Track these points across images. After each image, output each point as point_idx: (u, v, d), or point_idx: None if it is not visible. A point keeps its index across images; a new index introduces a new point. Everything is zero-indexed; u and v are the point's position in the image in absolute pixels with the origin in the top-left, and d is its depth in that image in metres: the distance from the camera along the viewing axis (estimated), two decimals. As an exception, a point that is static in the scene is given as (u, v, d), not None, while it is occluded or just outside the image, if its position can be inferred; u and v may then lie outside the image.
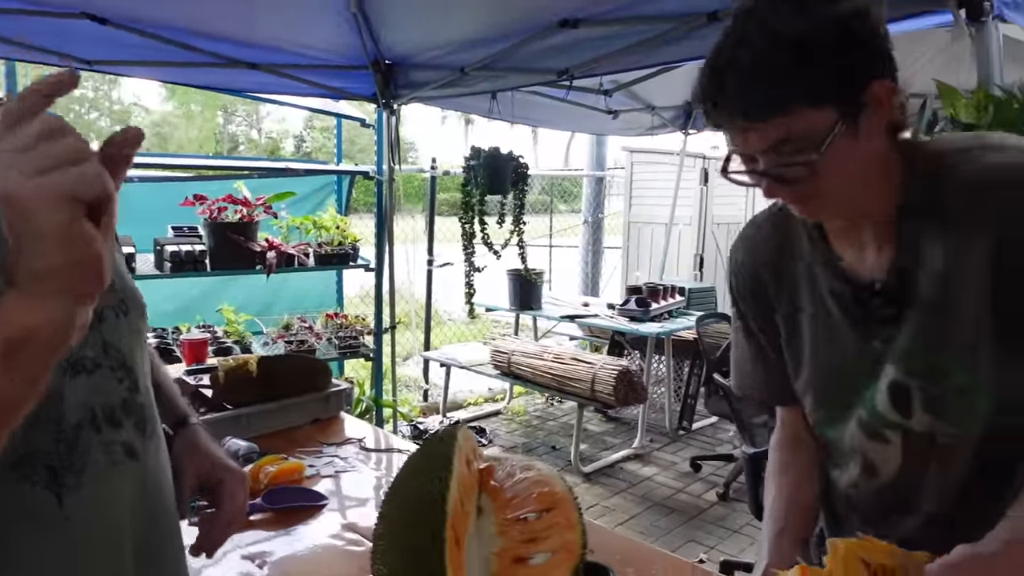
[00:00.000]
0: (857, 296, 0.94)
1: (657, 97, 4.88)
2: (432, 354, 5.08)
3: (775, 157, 0.84)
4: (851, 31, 0.79)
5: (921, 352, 0.91)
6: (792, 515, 1.08)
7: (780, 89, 0.79)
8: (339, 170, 4.24)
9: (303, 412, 1.99)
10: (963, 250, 0.86)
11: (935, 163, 0.89)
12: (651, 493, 3.78)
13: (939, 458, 0.94)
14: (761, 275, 1.06)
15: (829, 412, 1.04)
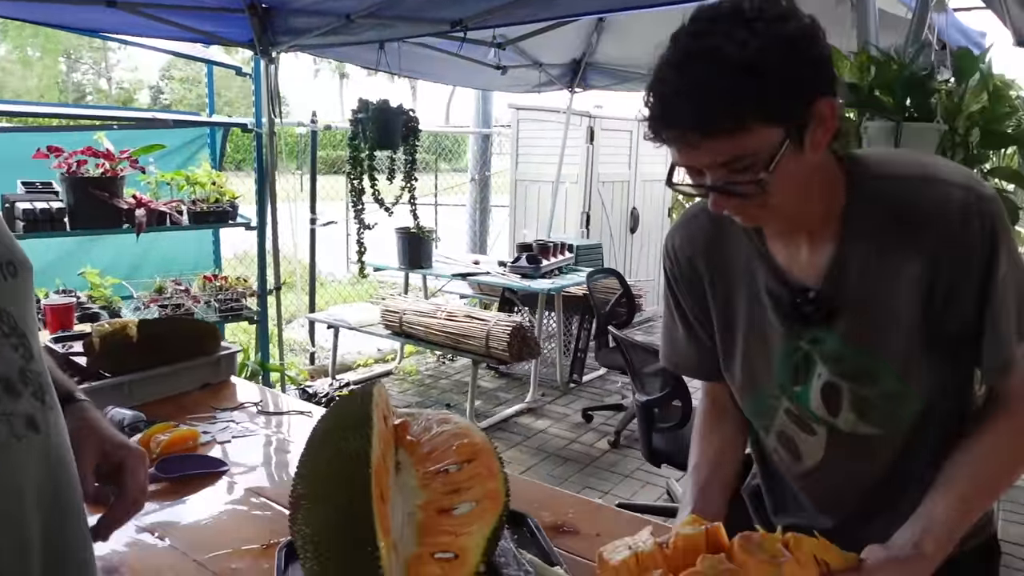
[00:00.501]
0: (792, 298, 0.98)
1: (545, 54, 4.88)
2: (318, 316, 4.92)
3: (724, 172, 0.84)
4: (799, 50, 0.81)
5: (851, 356, 0.96)
6: (716, 478, 1.12)
7: (735, 107, 0.79)
8: (213, 122, 3.95)
9: (192, 377, 1.87)
10: (898, 267, 0.91)
11: (880, 180, 0.92)
12: (545, 445, 3.88)
13: (860, 454, 1.02)
14: (697, 265, 1.09)
15: (758, 401, 1.09)
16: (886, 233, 0.91)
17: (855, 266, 0.93)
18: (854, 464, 1.04)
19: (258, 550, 1.19)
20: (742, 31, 0.79)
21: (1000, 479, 0.94)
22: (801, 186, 0.88)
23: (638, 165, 6.37)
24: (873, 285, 0.93)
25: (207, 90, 4.21)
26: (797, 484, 1.12)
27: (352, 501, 0.95)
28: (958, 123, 1.69)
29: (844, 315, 0.95)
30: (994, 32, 3.39)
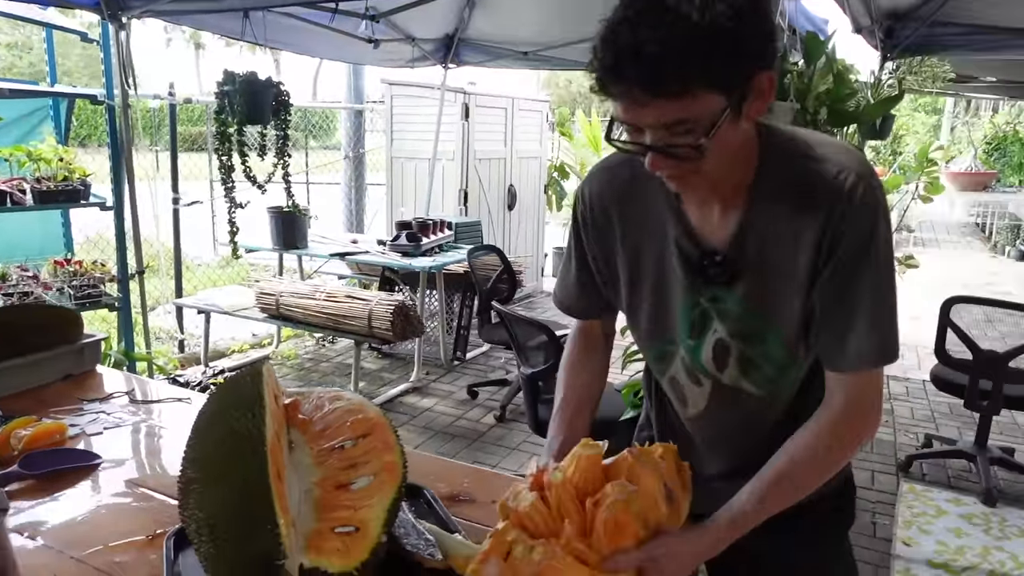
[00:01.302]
0: (700, 258, 1.02)
1: (417, 28, 4.81)
2: (186, 301, 4.65)
3: (666, 134, 0.86)
4: (752, 22, 0.83)
5: (746, 317, 1.02)
6: (583, 411, 1.20)
7: (686, 70, 0.80)
8: (58, 92, 3.61)
9: (52, 368, 1.73)
10: (795, 238, 0.96)
11: (787, 155, 0.97)
12: (432, 423, 3.90)
13: (739, 409, 1.11)
14: (611, 214, 1.11)
15: (658, 348, 1.15)
16: (787, 205, 0.96)
17: (758, 233, 0.98)
18: (734, 417, 1.12)
19: (143, 542, 1.13)
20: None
21: (804, 479, 1.00)
22: (731, 154, 0.92)
23: (514, 142, 6.44)
24: (772, 252, 0.98)
25: (47, 57, 3.83)
26: (687, 426, 1.20)
27: (248, 480, 0.93)
28: (808, 102, 1.84)
29: (745, 278, 1.00)
30: (835, 19, 3.69)
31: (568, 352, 1.26)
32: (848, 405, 0.98)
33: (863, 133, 3.86)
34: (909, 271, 4.63)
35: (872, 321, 0.95)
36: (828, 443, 0.99)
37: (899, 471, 3.43)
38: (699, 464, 1.17)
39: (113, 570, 1.07)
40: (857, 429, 1.00)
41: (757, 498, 0.98)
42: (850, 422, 0.99)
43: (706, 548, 0.97)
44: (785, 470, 0.99)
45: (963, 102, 13.42)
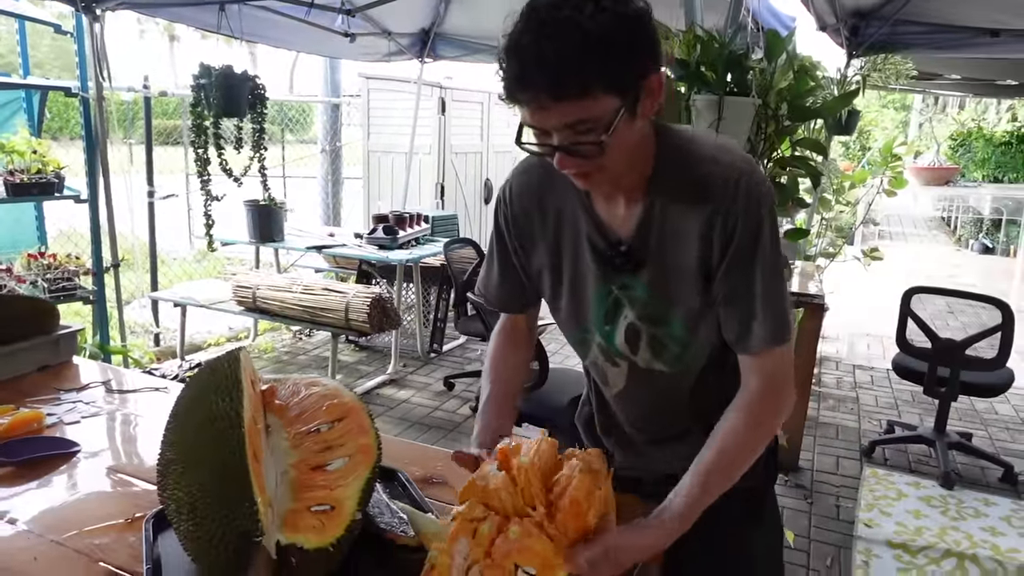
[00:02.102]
0: (608, 249, 1.11)
1: (393, 23, 4.83)
2: (162, 294, 4.64)
3: (569, 134, 0.93)
4: (640, 28, 0.91)
5: (651, 303, 1.12)
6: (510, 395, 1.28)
7: (584, 75, 0.88)
8: (31, 84, 3.58)
9: (28, 359, 1.75)
10: (688, 229, 1.05)
11: (682, 154, 1.06)
12: (409, 414, 3.94)
13: (655, 387, 1.20)
14: (530, 212, 1.19)
15: (577, 334, 1.24)
16: (681, 201, 1.05)
17: (656, 224, 1.07)
18: (651, 392, 1.22)
19: (122, 525, 1.17)
20: (592, 6, 0.88)
21: (736, 460, 1.06)
22: (630, 151, 1.00)
23: (490, 136, 6.48)
24: (669, 242, 1.07)
25: (19, 49, 3.80)
26: (611, 403, 1.30)
27: (226, 461, 0.97)
28: (770, 98, 1.91)
29: (648, 266, 1.10)
30: (803, 17, 3.77)
31: (493, 346, 1.33)
32: (763, 385, 1.07)
33: (829, 128, 3.96)
34: (874, 263, 4.74)
35: (768, 307, 1.04)
36: (751, 423, 1.07)
37: (862, 456, 3.54)
38: (628, 434, 1.28)
39: (93, 552, 1.10)
40: (775, 405, 1.08)
41: (699, 488, 1.03)
42: (767, 400, 1.07)
43: (656, 540, 1.01)
44: (718, 456, 1.05)
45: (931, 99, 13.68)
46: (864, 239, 9.13)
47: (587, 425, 1.41)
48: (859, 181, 4.69)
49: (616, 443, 1.33)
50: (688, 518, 1.02)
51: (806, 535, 2.82)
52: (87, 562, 1.08)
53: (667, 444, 1.24)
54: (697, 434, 1.11)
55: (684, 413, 1.21)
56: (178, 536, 1.00)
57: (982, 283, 7.71)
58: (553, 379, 2.85)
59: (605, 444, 1.34)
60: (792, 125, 2.10)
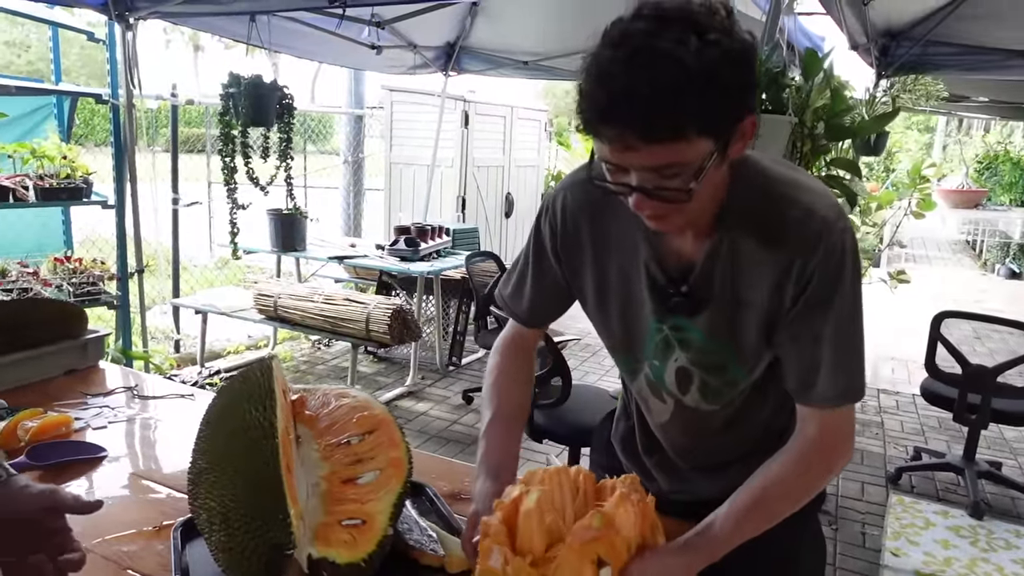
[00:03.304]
0: (666, 286, 1.03)
1: (419, 36, 4.86)
2: (184, 301, 4.66)
3: (653, 177, 0.84)
4: (745, 68, 0.82)
5: (708, 349, 1.04)
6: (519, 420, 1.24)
7: (680, 116, 0.78)
8: (63, 91, 3.63)
9: (56, 362, 1.75)
10: (759, 272, 0.97)
11: (757, 191, 0.96)
12: (427, 427, 3.91)
13: (700, 422, 1.15)
14: (582, 228, 1.11)
15: (626, 363, 1.18)
16: (754, 240, 0.96)
17: (722, 264, 0.99)
18: (695, 428, 1.17)
19: (150, 532, 1.15)
20: (696, 40, 0.78)
21: (776, 508, 1.01)
22: (712, 195, 0.93)
23: (512, 151, 6.49)
24: (736, 286, 0.99)
25: (51, 56, 3.85)
26: (654, 429, 1.24)
27: (260, 472, 0.95)
28: (806, 116, 1.88)
29: (708, 311, 1.01)
30: (832, 37, 3.75)
31: (499, 362, 1.26)
32: (821, 437, 1.00)
33: (857, 149, 3.93)
34: (901, 286, 4.68)
35: (837, 365, 0.96)
36: (799, 471, 1.00)
37: (888, 483, 3.47)
38: (668, 457, 1.23)
39: (121, 559, 1.08)
40: (828, 460, 1.02)
41: (733, 524, 0.98)
42: (822, 452, 1.01)
43: (680, 569, 0.96)
44: (759, 497, 1.00)
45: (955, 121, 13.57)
46: (889, 261, 9.03)
47: (625, 443, 1.35)
48: (886, 202, 4.64)
49: (657, 464, 1.27)
50: (716, 553, 0.98)
51: (832, 562, 2.76)
52: (115, 569, 1.07)
53: (711, 472, 1.19)
54: (741, 466, 1.08)
55: (729, 446, 1.16)
56: (209, 546, 0.99)
57: (1009, 308, 7.58)
58: (575, 396, 2.82)
59: (646, 464, 1.29)
60: (826, 145, 2.07)
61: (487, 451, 1.15)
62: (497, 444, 1.16)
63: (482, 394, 1.25)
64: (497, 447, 1.15)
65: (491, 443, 1.16)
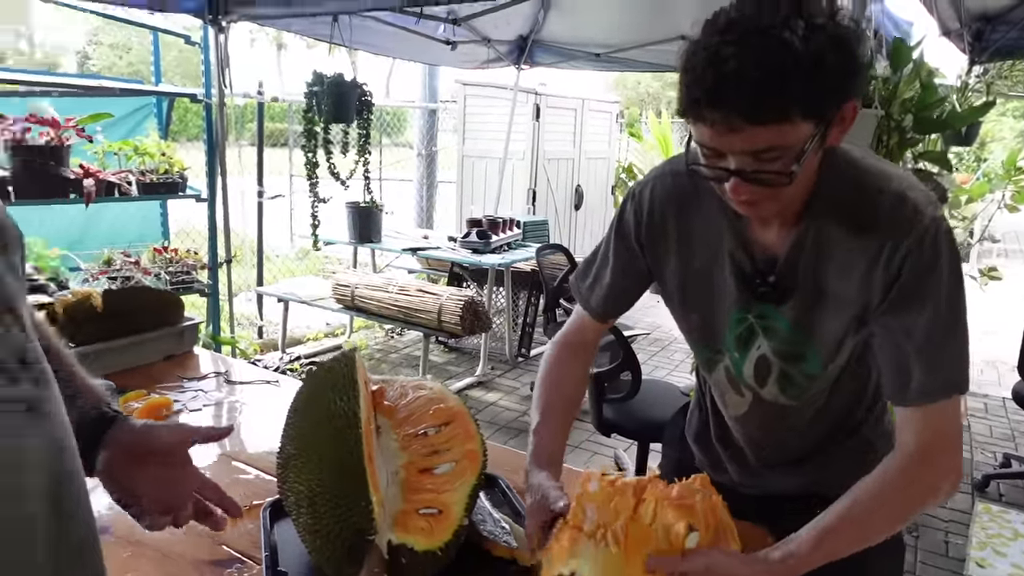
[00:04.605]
0: (753, 273, 1.03)
1: (493, 30, 4.90)
2: (268, 289, 4.87)
3: (752, 161, 0.85)
4: (851, 51, 0.82)
5: (790, 339, 1.04)
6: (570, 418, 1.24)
7: (788, 98, 0.80)
8: (162, 91, 3.85)
9: (156, 348, 1.88)
10: (848, 262, 0.96)
11: (846, 178, 0.96)
12: (497, 417, 3.98)
13: (776, 416, 1.14)
14: (668, 219, 1.11)
15: (705, 354, 1.18)
16: (844, 229, 0.95)
17: (809, 253, 0.98)
18: (771, 423, 1.16)
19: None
20: (801, 23, 0.79)
21: (867, 531, 0.95)
22: (807, 180, 0.93)
23: (583, 143, 6.47)
24: (822, 274, 0.98)
25: (152, 59, 4.08)
26: (729, 422, 1.24)
27: (344, 459, 1.01)
28: (893, 109, 1.82)
29: (794, 299, 1.01)
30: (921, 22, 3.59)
31: (555, 357, 1.25)
32: (920, 444, 0.94)
33: (947, 139, 3.75)
34: (992, 283, 4.45)
35: (934, 357, 0.92)
36: (898, 486, 0.94)
37: (975, 491, 3.32)
38: (742, 452, 1.23)
39: (214, 536, 1.16)
40: (932, 475, 0.95)
41: (814, 541, 0.93)
42: (923, 467, 0.94)
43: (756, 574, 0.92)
44: (846, 514, 0.94)
45: (1060, 107, 12.69)
46: (980, 257, 8.56)
47: (699, 437, 1.34)
48: (977, 195, 4.41)
49: (732, 457, 1.27)
50: (792, 569, 0.93)
51: (912, 571, 2.68)
52: (210, 544, 1.15)
53: (785, 468, 1.19)
54: (815, 463, 1.07)
55: (804, 442, 1.16)
56: (296, 528, 1.05)
57: (1114, 309, 7.08)
58: (645, 390, 2.81)
59: (720, 455, 1.29)
60: (914, 137, 2.00)
61: (536, 451, 1.15)
62: (545, 444, 1.16)
63: (535, 386, 1.25)
64: (546, 446, 1.16)
65: (540, 443, 1.16)
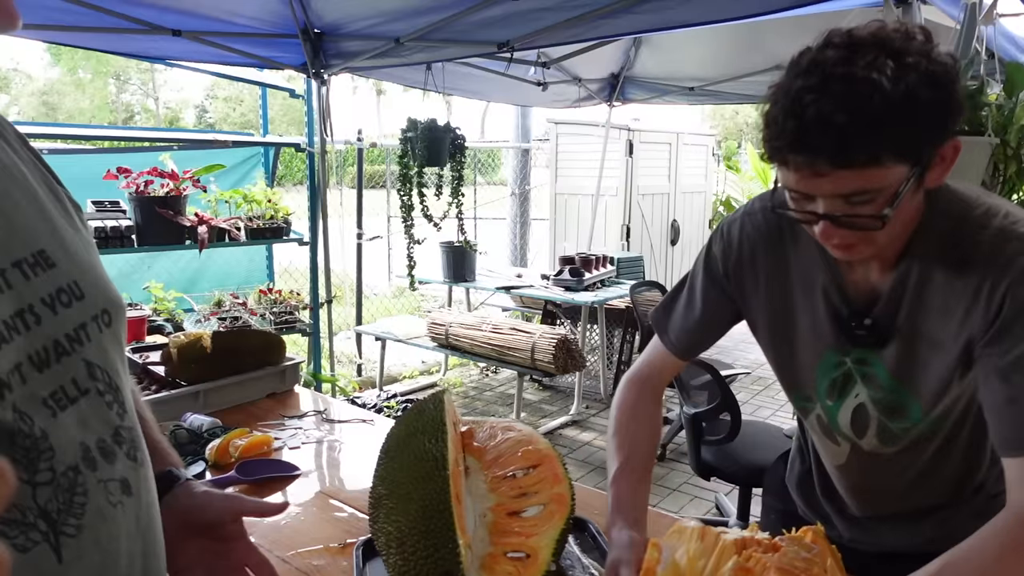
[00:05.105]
0: (849, 317, 0.98)
1: (583, 69, 4.95)
2: (366, 328, 5.03)
3: (842, 204, 0.82)
4: (945, 90, 0.79)
5: (890, 389, 0.98)
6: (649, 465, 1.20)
7: (877, 141, 0.77)
8: (268, 142, 4.11)
9: (260, 386, 1.97)
10: (951, 305, 0.90)
11: (951, 217, 0.91)
12: (591, 457, 3.91)
13: (879, 467, 1.06)
14: (758, 257, 1.08)
15: (797, 398, 1.12)
16: (942, 268, 0.91)
17: (910, 295, 0.93)
18: (874, 473, 1.08)
19: (336, 548, 1.26)
20: (890, 62, 0.76)
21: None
22: (905, 223, 0.89)
23: (678, 177, 6.39)
24: (922, 317, 0.93)
25: (261, 111, 4.37)
26: (830, 471, 1.17)
27: (431, 500, 1.02)
28: (1010, 136, 1.70)
29: (894, 344, 0.96)
30: (1043, 40, 3.34)
31: (629, 400, 1.21)
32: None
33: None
34: None
35: None
36: (1000, 550, 0.83)
37: None
38: (843, 503, 1.15)
39: (312, 572, 1.19)
40: None
41: None
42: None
43: None
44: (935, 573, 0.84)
45: None
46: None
47: (801, 486, 1.28)
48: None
49: (837, 511, 1.19)
50: None
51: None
52: (306, 582, 1.17)
53: (897, 523, 1.10)
54: (935, 520, 0.99)
55: (916, 496, 1.07)
56: (386, 567, 1.06)
57: None
58: (746, 432, 2.70)
59: (825, 508, 1.21)
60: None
61: (618, 502, 1.11)
62: (628, 495, 1.13)
63: (608, 432, 1.22)
64: (628, 498, 1.12)
65: (622, 493, 1.13)
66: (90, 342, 0.65)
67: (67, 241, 0.67)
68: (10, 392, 0.57)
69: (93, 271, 0.69)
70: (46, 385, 0.60)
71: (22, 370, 0.58)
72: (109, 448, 0.65)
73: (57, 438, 0.59)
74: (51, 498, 0.59)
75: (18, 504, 0.57)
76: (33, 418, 0.58)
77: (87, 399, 0.63)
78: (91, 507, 0.61)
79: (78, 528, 0.60)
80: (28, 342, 0.59)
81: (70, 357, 0.62)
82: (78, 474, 0.61)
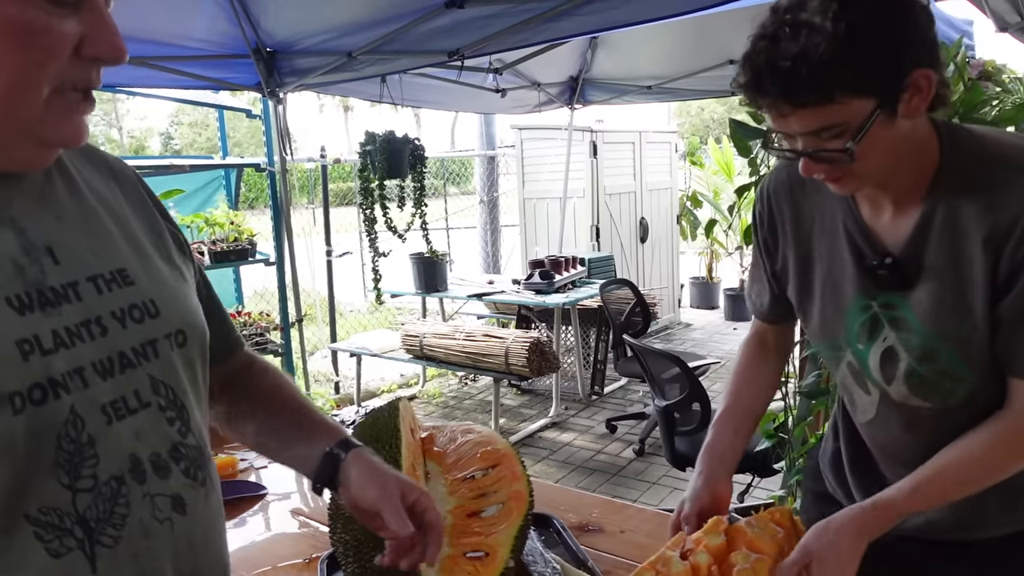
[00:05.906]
0: (872, 259, 0.99)
1: (542, 74, 4.98)
2: (340, 345, 5.01)
3: (814, 140, 0.88)
4: (892, 24, 0.82)
5: (918, 334, 0.97)
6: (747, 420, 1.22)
7: (823, 81, 0.82)
8: (228, 164, 4.10)
9: (226, 409, 1.95)
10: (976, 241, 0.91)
11: (971, 154, 0.93)
12: (572, 457, 3.93)
13: (908, 420, 1.05)
14: (782, 208, 1.12)
15: (827, 348, 1.13)
16: (970, 208, 0.91)
17: (935, 235, 0.94)
18: (902, 427, 1.06)
19: (301, 564, 1.26)
20: (835, 4, 0.81)
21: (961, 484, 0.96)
22: (891, 153, 0.90)
23: (643, 175, 6.45)
24: (949, 257, 0.93)
25: (219, 133, 4.36)
26: (860, 431, 1.16)
27: (386, 507, 1.02)
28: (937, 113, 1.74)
29: (920, 286, 0.96)
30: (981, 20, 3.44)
31: (740, 358, 1.27)
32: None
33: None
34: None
35: None
36: (999, 444, 0.94)
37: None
38: (876, 469, 1.14)
39: (278, 586, 1.20)
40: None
41: (908, 489, 0.95)
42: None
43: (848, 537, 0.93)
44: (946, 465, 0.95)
45: None
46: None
47: (833, 463, 1.25)
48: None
49: (864, 487, 1.15)
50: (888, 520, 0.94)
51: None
52: (272, 597, 1.18)
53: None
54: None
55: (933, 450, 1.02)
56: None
57: None
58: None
59: (852, 489, 1.18)
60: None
61: (712, 441, 1.18)
62: (720, 437, 1.19)
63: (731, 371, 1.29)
64: (721, 439, 1.19)
65: (717, 434, 1.19)
66: (158, 358, 0.67)
67: (154, 267, 0.72)
68: (67, 393, 0.59)
69: (175, 296, 0.72)
70: (108, 393, 0.62)
71: (84, 375, 0.61)
72: (163, 463, 0.65)
73: (105, 446, 0.61)
74: (91, 505, 0.60)
75: (56, 508, 0.58)
76: (86, 422, 0.60)
77: (147, 412, 0.65)
78: (132, 520, 0.62)
79: (115, 539, 0.61)
80: (94, 350, 0.62)
81: (135, 370, 0.65)
82: (122, 484, 0.62)
